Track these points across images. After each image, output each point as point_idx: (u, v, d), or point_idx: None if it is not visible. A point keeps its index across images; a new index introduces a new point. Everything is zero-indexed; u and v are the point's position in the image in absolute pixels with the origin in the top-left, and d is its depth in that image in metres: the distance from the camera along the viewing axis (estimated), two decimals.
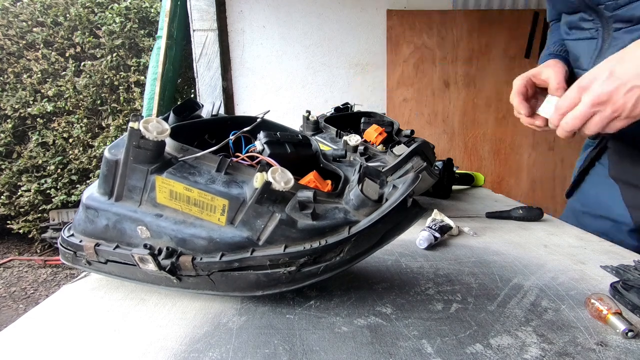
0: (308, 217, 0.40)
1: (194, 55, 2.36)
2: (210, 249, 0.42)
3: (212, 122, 0.56)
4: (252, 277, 0.42)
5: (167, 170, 0.41)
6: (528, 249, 0.67)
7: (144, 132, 0.39)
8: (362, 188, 0.42)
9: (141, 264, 0.43)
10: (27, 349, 0.38)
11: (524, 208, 0.87)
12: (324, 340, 0.39)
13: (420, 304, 0.47)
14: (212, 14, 2.32)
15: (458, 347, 0.38)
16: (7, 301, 2.40)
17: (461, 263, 0.60)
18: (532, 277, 0.54)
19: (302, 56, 2.46)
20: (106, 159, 0.43)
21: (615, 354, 0.37)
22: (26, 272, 2.81)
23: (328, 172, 0.53)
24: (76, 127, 2.85)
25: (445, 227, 0.71)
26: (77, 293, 0.50)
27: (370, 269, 0.57)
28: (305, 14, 2.43)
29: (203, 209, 0.41)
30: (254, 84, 2.50)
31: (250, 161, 0.49)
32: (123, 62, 2.88)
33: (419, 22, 2.45)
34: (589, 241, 0.72)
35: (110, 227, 0.44)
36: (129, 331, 0.41)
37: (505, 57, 2.46)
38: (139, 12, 2.89)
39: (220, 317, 0.44)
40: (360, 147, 0.76)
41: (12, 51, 2.81)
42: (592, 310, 0.43)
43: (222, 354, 0.37)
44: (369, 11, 2.45)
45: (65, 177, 2.90)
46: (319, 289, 0.50)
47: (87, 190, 0.47)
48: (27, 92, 2.81)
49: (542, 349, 0.38)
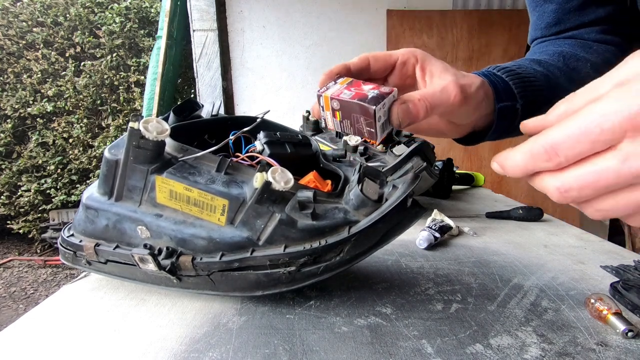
0: (308, 217, 0.40)
1: (194, 55, 2.36)
2: (210, 249, 0.42)
3: (212, 122, 0.56)
4: (252, 277, 0.42)
5: (167, 170, 0.41)
6: (528, 249, 0.67)
7: (144, 132, 0.39)
8: (362, 188, 0.42)
9: (141, 264, 0.43)
10: (27, 349, 0.38)
11: (524, 208, 0.87)
12: (324, 340, 0.39)
13: (420, 304, 0.47)
14: (212, 14, 2.32)
15: (458, 347, 0.38)
16: (7, 301, 2.41)
17: (461, 263, 0.60)
18: (532, 277, 0.54)
19: (302, 56, 2.46)
20: (106, 159, 0.43)
21: (615, 354, 0.37)
22: (26, 272, 2.81)
23: (328, 172, 0.53)
24: (76, 127, 2.85)
25: (445, 227, 0.71)
26: (77, 293, 0.50)
27: (370, 269, 0.57)
28: (305, 14, 2.43)
29: (203, 209, 0.42)
30: (254, 84, 2.50)
31: (250, 161, 0.49)
32: (123, 62, 2.88)
33: (419, 23, 2.45)
34: (589, 241, 0.72)
35: (110, 227, 0.44)
36: (129, 331, 0.41)
37: (505, 58, 2.46)
38: (139, 12, 2.89)
39: (220, 317, 0.44)
40: (360, 147, 0.76)
41: (12, 51, 2.81)
42: (592, 310, 0.43)
43: (222, 354, 0.37)
44: (369, 11, 2.45)
45: (65, 177, 2.90)
46: (319, 289, 0.50)
47: (87, 190, 0.47)
48: (27, 92, 2.82)
49: (542, 349, 0.38)
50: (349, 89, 0.35)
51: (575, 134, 0.24)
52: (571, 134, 0.24)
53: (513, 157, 0.27)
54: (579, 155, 0.24)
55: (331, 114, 0.36)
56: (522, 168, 0.26)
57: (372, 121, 0.34)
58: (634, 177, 0.23)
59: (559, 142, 0.24)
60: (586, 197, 0.25)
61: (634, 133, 0.22)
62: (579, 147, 0.24)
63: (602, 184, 0.24)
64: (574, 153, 0.24)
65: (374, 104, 0.33)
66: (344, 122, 0.36)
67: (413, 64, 0.42)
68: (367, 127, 0.35)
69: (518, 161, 0.27)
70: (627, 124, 0.22)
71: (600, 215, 0.26)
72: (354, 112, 0.34)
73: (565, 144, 0.24)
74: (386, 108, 0.35)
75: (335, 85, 0.36)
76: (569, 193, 0.25)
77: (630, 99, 0.22)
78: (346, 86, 0.36)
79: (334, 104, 0.35)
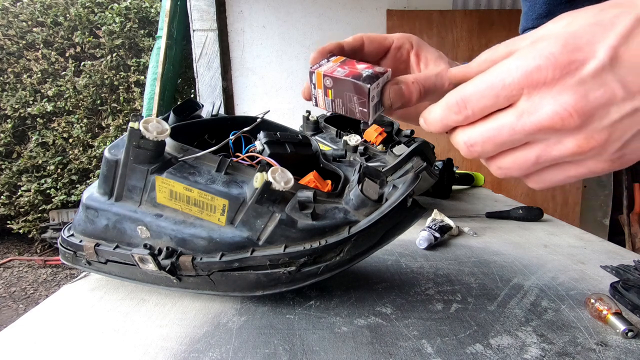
0: (308, 217, 0.40)
1: (194, 55, 2.36)
2: (210, 249, 0.42)
3: (212, 122, 0.56)
4: (252, 277, 0.42)
5: (167, 170, 0.41)
6: (528, 249, 0.67)
7: (144, 132, 0.39)
8: (362, 188, 0.42)
9: (141, 264, 0.43)
10: (27, 349, 0.38)
11: (524, 208, 0.87)
12: (324, 340, 0.39)
13: (420, 304, 0.47)
14: (212, 14, 2.32)
15: (458, 347, 0.38)
16: (7, 301, 2.40)
17: (461, 263, 0.60)
18: (532, 277, 0.54)
19: (302, 56, 2.46)
20: (106, 159, 0.43)
21: (615, 354, 0.37)
22: (26, 272, 2.81)
23: (328, 172, 0.53)
24: (76, 127, 2.85)
25: (445, 227, 0.71)
26: (77, 293, 0.50)
27: (370, 269, 0.57)
28: (305, 14, 2.43)
29: (203, 209, 0.41)
30: (254, 84, 2.50)
31: (250, 161, 0.49)
32: (123, 62, 2.88)
33: (419, 23, 2.45)
34: (589, 241, 0.72)
35: (110, 227, 0.44)
36: (129, 331, 0.41)
37: None
38: (139, 12, 2.89)
39: (220, 317, 0.44)
40: (360, 147, 0.76)
41: (12, 51, 2.81)
42: (592, 310, 0.43)
43: (222, 354, 0.37)
44: (369, 11, 2.45)
45: (65, 177, 2.90)
46: (319, 289, 0.50)
47: (87, 190, 0.47)
48: (27, 92, 2.82)
49: (542, 349, 0.38)
50: (343, 67, 0.34)
51: (482, 88, 0.24)
52: (479, 88, 0.24)
53: (434, 110, 0.27)
54: (485, 109, 0.24)
55: (323, 92, 0.35)
56: (440, 122, 0.27)
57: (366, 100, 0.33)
58: (527, 134, 0.23)
59: (469, 96, 0.25)
60: (489, 153, 0.26)
61: (530, 90, 0.22)
62: (483, 101, 0.24)
63: (501, 139, 0.24)
64: (479, 107, 0.24)
65: (369, 82, 0.32)
66: (336, 100, 0.35)
67: (408, 49, 0.41)
68: (360, 107, 0.34)
69: (437, 115, 0.27)
70: (525, 81, 0.22)
71: (502, 172, 0.27)
72: (347, 91, 0.34)
73: (473, 98, 0.24)
74: (379, 88, 0.34)
75: (328, 63, 0.35)
76: (474, 147, 0.26)
77: (531, 56, 0.22)
78: (339, 64, 0.35)
79: (326, 81, 0.34)
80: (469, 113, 0.25)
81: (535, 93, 0.22)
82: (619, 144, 0.22)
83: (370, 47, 0.39)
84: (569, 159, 0.24)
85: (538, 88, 0.22)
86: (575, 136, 0.22)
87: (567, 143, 0.23)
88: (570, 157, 0.23)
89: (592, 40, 0.21)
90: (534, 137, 0.23)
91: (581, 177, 0.25)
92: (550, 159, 0.24)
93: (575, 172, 0.25)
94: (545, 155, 0.24)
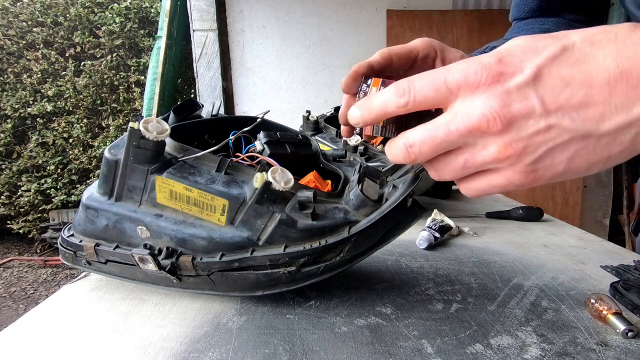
0: (308, 217, 0.40)
1: (194, 55, 2.36)
2: (210, 249, 0.42)
3: (212, 122, 0.56)
4: (252, 277, 0.42)
5: (167, 170, 0.41)
6: (528, 249, 0.67)
7: (144, 132, 0.39)
8: (362, 188, 0.42)
9: (141, 264, 0.43)
10: (27, 349, 0.38)
11: (524, 208, 0.87)
12: (324, 340, 0.39)
13: (420, 304, 0.47)
14: (212, 14, 2.32)
15: (458, 347, 0.38)
16: (7, 301, 2.41)
17: (461, 263, 0.60)
18: (532, 277, 0.54)
19: (302, 56, 2.46)
20: (106, 159, 0.43)
21: (615, 354, 0.37)
22: (26, 272, 2.81)
23: (328, 172, 0.53)
24: (76, 127, 2.85)
25: (445, 227, 0.71)
26: (77, 293, 0.50)
27: (370, 269, 0.57)
28: (305, 14, 2.43)
29: (203, 209, 0.41)
30: (254, 84, 2.50)
31: (250, 161, 0.49)
32: (123, 62, 2.88)
33: (419, 22, 2.45)
34: (589, 241, 0.72)
35: (110, 227, 0.44)
36: (129, 331, 0.41)
37: None
38: (139, 12, 2.89)
39: (220, 317, 0.44)
40: (360, 147, 0.76)
41: (12, 51, 2.81)
42: (592, 310, 0.43)
43: (222, 354, 0.37)
44: (369, 11, 2.45)
45: (65, 177, 2.90)
46: (319, 289, 0.50)
47: (87, 190, 0.47)
48: (27, 92, 2.82)
49: (542, 349, 0.38)
50: None
51: (427, 79, 0.25)
52: (424, 78, 0.25)
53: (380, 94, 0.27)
54: (426, 99, 0.25)
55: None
56: (382, 102, 0.27)
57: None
58: (459, 136, 0.24)
59: (414, 80, 0.26)
60: (426, 155, 0.26)
61: (465, 91, 0.24)
62: (425, 90, 0.25)
63: (436, 141, 0.25)
64: (421, 95, 0.25)
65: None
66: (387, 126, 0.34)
67: (433, 58, 0.42)
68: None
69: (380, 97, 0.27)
70: (462, 81, 0.24)
71: (437, 175, 0.28)
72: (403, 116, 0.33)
73: (418, 85, 0.25)
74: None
75: (369, 88, 0.34)
76: (412, 149, 0.26)
77: (472, 63, 0.24)
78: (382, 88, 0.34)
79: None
80: (410, 99, 0.25)
81: (469, 95, 0.24)
82: (534, 157, 0.24)
83: (399, 63, 0.40)
84: (491, 166, 0.25)
85: (472, 90, 0.24)
86: (497, 142, 0.24)
87: (490, 148, 0.24)
88: (491, 164, 0.25)
89: (524, 59, 0.23)
90: (465, 140, 0.25)
91: (502, 189, 0.26)
92: (476, 164, 0.25)
93: (497, 182, 0.26)
94: (472, 160, 0.25)
